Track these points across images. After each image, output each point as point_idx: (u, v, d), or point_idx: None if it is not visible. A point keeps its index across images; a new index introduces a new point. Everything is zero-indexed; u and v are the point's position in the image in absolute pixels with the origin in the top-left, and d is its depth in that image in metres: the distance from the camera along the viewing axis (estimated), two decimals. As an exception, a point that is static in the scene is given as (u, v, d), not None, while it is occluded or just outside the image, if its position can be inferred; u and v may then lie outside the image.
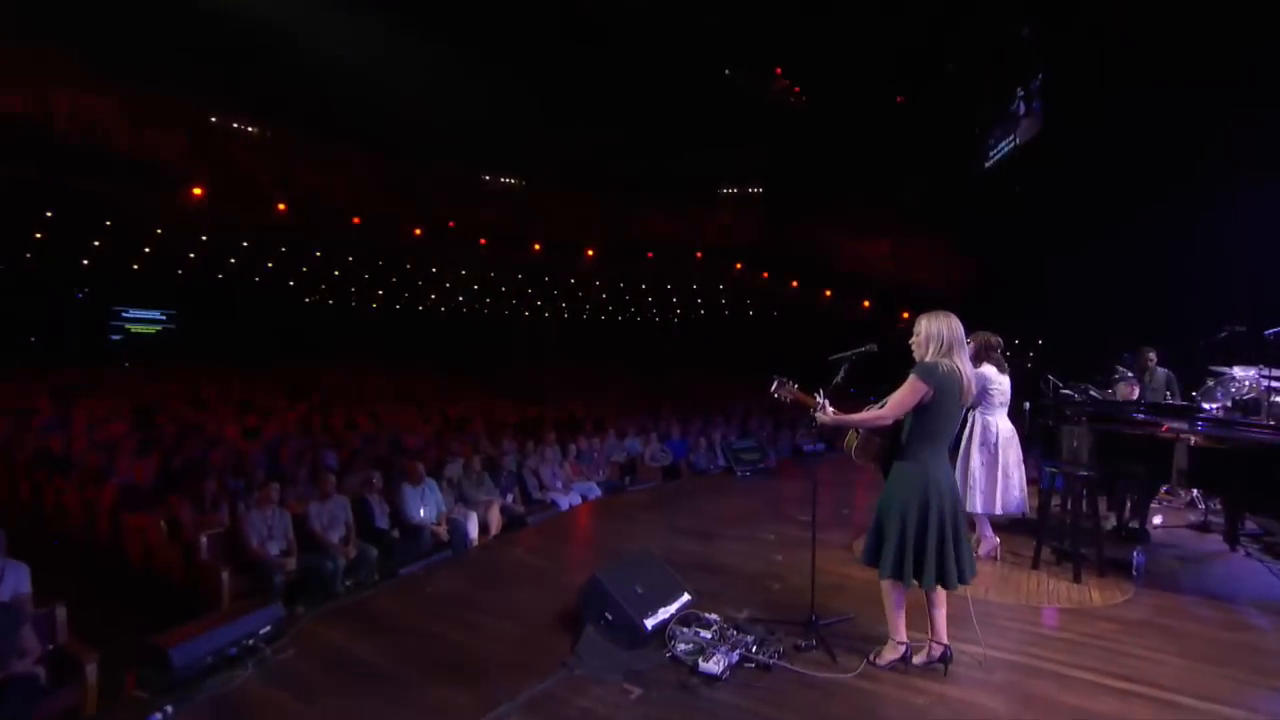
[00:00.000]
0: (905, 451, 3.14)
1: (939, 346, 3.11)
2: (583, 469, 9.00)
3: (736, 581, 4.62)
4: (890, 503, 3.17)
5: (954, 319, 3.14)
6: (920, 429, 3.09)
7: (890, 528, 3.14)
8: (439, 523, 6.64)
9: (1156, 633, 3.72)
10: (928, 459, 3.10)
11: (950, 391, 3.05)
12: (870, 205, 18.19)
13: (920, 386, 3.06)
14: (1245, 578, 4.68)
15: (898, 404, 3.09)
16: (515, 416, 12.37)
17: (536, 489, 8.23)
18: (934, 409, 3.05)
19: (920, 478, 3.09)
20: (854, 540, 5.55)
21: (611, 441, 10.03)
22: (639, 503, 7.14)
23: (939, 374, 3.04)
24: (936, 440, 3.11)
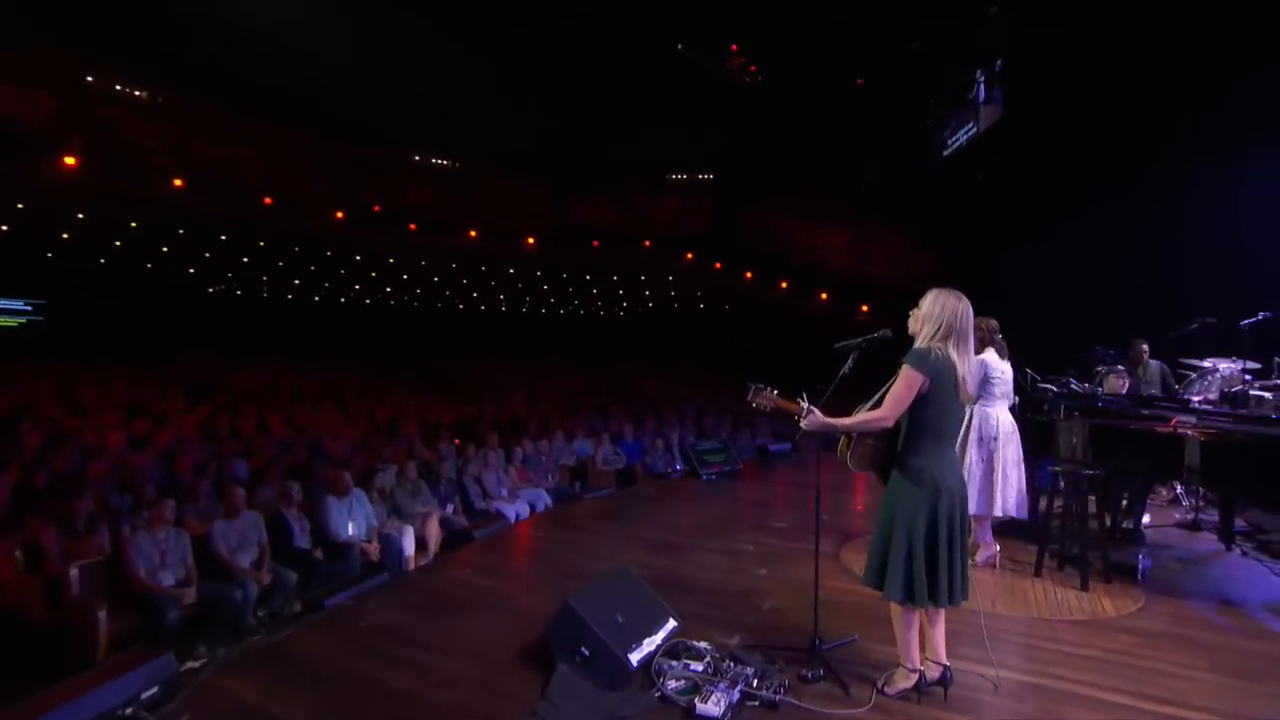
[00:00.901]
0: (906, 453, 2.88)
1: (934, 330, 2.84)
2: (530, 474, 8.57)
3: (720, 601, 4.31)
4: (894, 515, 2.89)
5: (964, 302, 2.88)
6: (920, 425, 2.85)
7: (896, 544, 2.87)
8: (369, 539, 6.09)
9: (1180, 645, 3.62)
10: (932, 460, 2.85)
11: (944, 382, 2.79)
12: (827, 194, 18.34)
13: (915, 377, 2.79)
14: (1249, 579, 4.69)
15: (895, 401, 2.82)
16: (452, 417, 11.79)
17: (480, 498, 7.76)
18: (932, 402, 2.81)
19: (926, 483, 2.83)
20: (842, 548, 5.36)
21: (560, 443, 9.66)
22: (596, 511, 6.78)
23: (930, 361, 2.76)
24: (940, 437, 2.87)
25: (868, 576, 3.01)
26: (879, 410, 2.89)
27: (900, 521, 2.88)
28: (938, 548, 2.85)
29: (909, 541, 2.85)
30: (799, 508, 6.79)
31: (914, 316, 2.97)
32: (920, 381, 2.81)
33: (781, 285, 19.93)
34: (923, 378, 2.81)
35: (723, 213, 21.13)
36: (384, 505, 6.68)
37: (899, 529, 2.88)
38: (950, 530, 2.87)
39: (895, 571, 2.86)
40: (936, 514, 2.85)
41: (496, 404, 13.11)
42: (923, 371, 2.81)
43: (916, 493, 2.85)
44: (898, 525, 2.89)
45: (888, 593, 2.92)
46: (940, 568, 2.84)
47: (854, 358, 3.37)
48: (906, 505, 2.87)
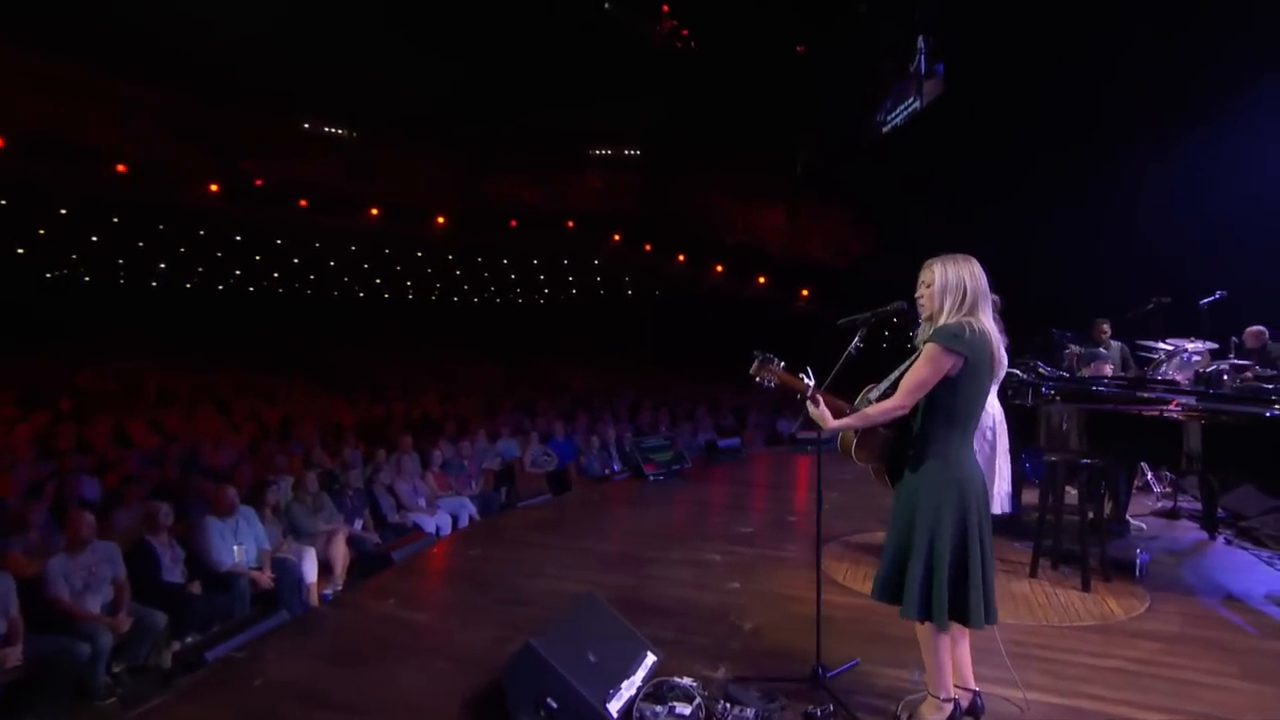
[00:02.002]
0: (925, 445, 2.59)
1: (958, 301, 2.56)
2: (450, 480, 8.07)
3: (695, 624, 3.95)
4: (912, 517, 2.60)
5: (975, 264, 2.62)
6: (943, 413, 2.57)
7: (916, 552, 2.57)
8: (260, 566, 5.37)
9: (1202, 649, 3.54)
10: (956, 452, 2.58)
11: (982, 362, 2.53)
12: (763, 170, 18.29)
13: (945, 358, 2.50)
14: (1244, 570, 4.75)
15: (917, 386, 2.53)
16: (356, 418, 11.09)
17: (393, 510, 7.19)
18: (961, 386, 2.54)
19: (953, 480, 2.56)
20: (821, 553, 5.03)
21: (482, 445, 9.21)
22: (534, 522, 6.32)
23: (967, 338, 2.47)
24: (965, 426, 2.60)
25: (881, 591, 2.70)
26: (894, 399, 2.57)
27: (923, 526, 2.58)
28: (969, 558, 2.57)
29: (931, 548, 2.56)
30: (762, 510, 6.63)
31: (925, 293, 2.66)
32: (952, 363, 2.51)
33: (717, 268, 19.85)
34: (956, 359, 2.51)
35: (652, 190, 20.81)
36: (278, 524, 6.02)
37: (920, 535, 2.58)
38: (981, 536, 2.59)
39: (913, 584, 2.54)
40: (965, 517, 2.57)
41: (407, 402, 12.52)
42: (958, 351, 2.51)
43: (941, 492, 2.56)
44: (919, 531, 2.59)
45: (907, 610, 2.62)
46: (973, 581, 2.56)
47: (861, 334, 3.09)
48: (930, 507, 2.57)
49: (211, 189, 16.89)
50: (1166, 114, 9.24)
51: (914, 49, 13.26)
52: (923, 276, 2.67)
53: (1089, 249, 10.24)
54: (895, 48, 13.98)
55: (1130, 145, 9.70)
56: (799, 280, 18.43)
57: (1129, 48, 9.15)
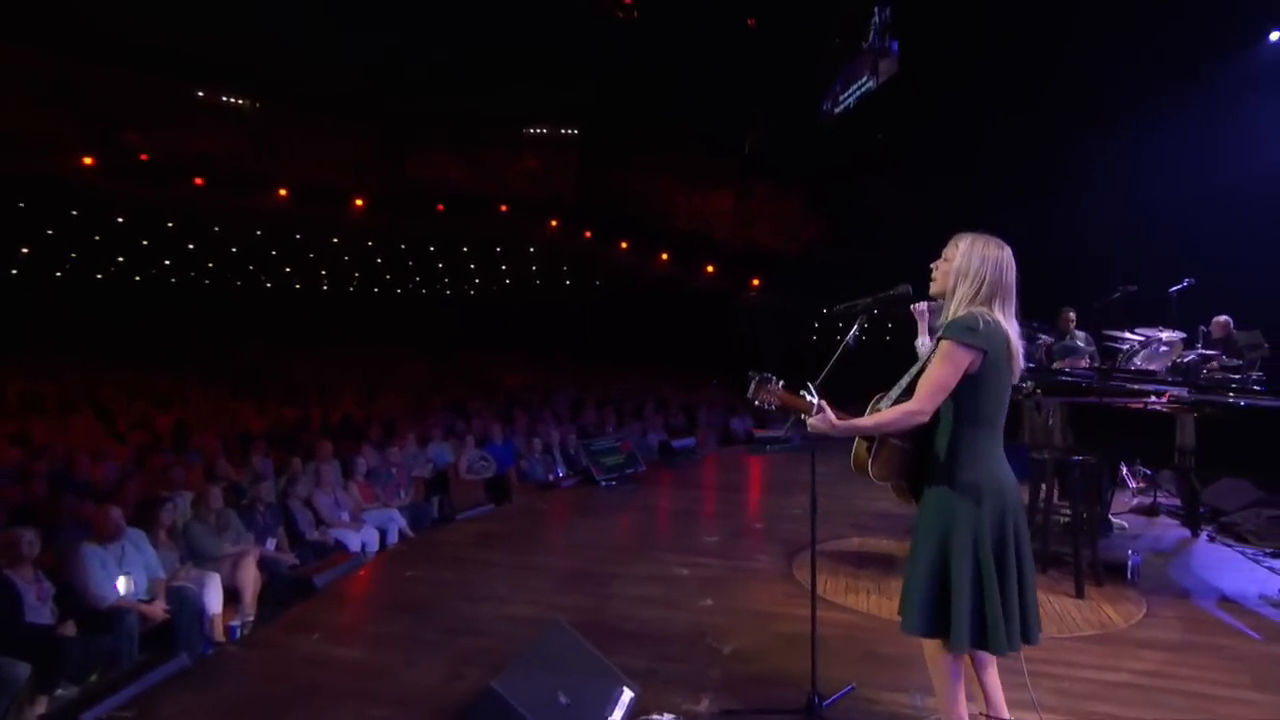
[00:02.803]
0: (955, 455, 2.43)
1: (974, 290, 2.40)
2: (376, 491, 7.62)
3: (670, 649, 3.74)
4: (950, 536, 2.41)
5: (1006, 250, 2.47)
6: (971, 416, 2.41)
7: (961, 575, 2.39)
8: (152, 598, 4.84)
9: (1209, 658, 3.54)
10: (987, 456, 2.42)
11: (1001, 356, 2.39)
12: (710, 153, 18.30)
13: (963, 354, 2.34)
14: (1233, 569, 4.85)
15: (936, 387, 2.36)
16: (265, 423, 10.44)
17: (312, 526, 6.70)
18: (984, 383, 2.39)
19: (988, 493, 2.39)
20: (793, 563, 5.05)
21: (411, 450, 8.85)
22: (475, 536, 5.99)
23: (982, 331, 2.33)
24: (993, 426, 2.45)
25: (914, 623, 2.46)
26: (912, 402, 2.38)
27: (963, 543, 2.39)
28: (1008, 576, 2.40)
29: (976, 569, 2.38)
30: (726, 516, 6.52)
31: (940, 273, 2.51)
32: (971, 360, 2.35)
33: (661, 257, 19.81)
34: (974, 355, 2.34)
35: (591, 173, 20.63)
36: (175, 548, 5.48)
37: (961, 560, 2.38)
38: (1020, 551, 2.43)
39: (960, 611, 2.36)
40: (1004, 533, 2.41)
41: (324, 405, 11.95)
42: (975, 347, 2.34)
43: (976, 509, 2.38)
44: (957, 555, 2.39)
45: (956, 643, 2.40)
46: (1018, 601, 2.40)
47: (860, 324, 2.92)
48: (966, 527, 2.39)
49: (85, 162, 15.66)
50: (1130, 96, 9.55)
51: (868, 24, 13.37)
52: (946, 250, 2.50)
53: (1051, 235, 10.49)
54: (849, 23, 14.09)
55: (1093, 127, 9.99)
56: (749, 268, 18.51)
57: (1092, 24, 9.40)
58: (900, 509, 6.30)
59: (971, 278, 2.40)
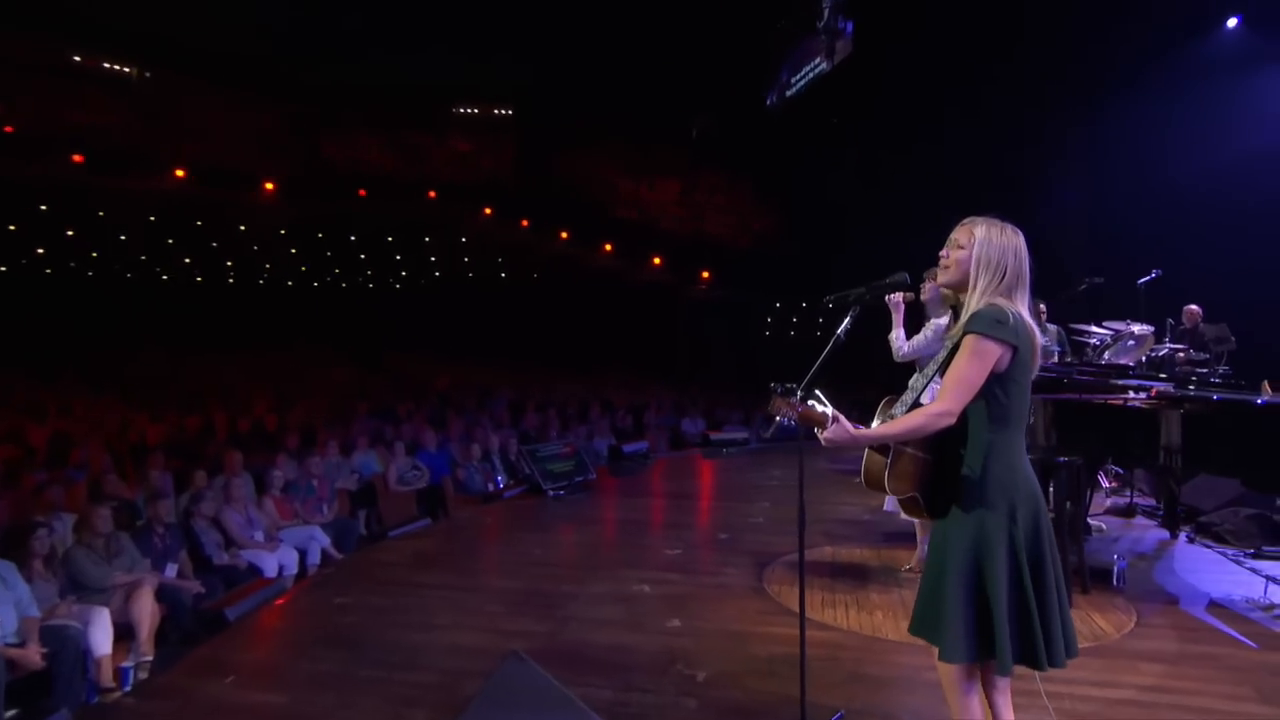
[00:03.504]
0: (986, 459, 2.33)
1: (994, 280, 2.31)
2: (295, 506, 7.33)
3: (637, 678, 3.58)
4: (985, 552, 2.31)
5: (1022, 238, 2.39)
6: (1000, 415, 2.32)
7: (997, 589, 2.28)
8: (24, 640, 4.41)
9: (1209, 669, 3.55)
10: (1018, 460, 2.36)
11: (1027, 353, 2.31)
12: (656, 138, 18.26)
13: (993, 349, 2.25)
14: (1215, 571, 4.94)
15: (965, 385, 2.27)
16: (163, 433, 10.00)
17: (220, 549, 6.33)
18: (1013, 381, 2.31)
19: (1023, 499, 2.31)
20: (764, 576, 4.96)
21: (334, 460, 8.54)
22: (410, 555, 5.72)
23: (1012, 325, 2.27)
24: (1021, 428, 2.39)
25: (959, 651, 2.32)
26: (938, 402, 2.27)
27: (996, 564, 2.28)
28: (1046, 590, 2.31)
29: (1016, 581, 2.28)
30: (687, 526, 6.46)
31: (952, 257, 2.39)
32: (1000, 355, 2.25)
33: (605, 248, 19.77)
34: (1004, 350, 2.25)
35: (528, 158, 20.40)
36: (53, 579, 5.04)
37: (997, 577, 2.27)
38: (1055, 559, 2.35)
39: (1002, 631, 2.25)
40: (1040, 543, 2.32)
41: (232, 411, 11.54)
42: (1005, 341, 2.24)
43: (1011, 521, 2.29)
44: (992, 571, 2.28)
45: (1003, 665, 2.29)
46: (1058, 614, 2.30)
47: (853, 315, 2.82)
48: (997, 538, 2.29)
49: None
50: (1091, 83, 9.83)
51: (821, 3, 13.43)
52: (955, 235, 2.38)
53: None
54: (801, 1, 14.12)
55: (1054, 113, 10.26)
56: (697, 261, 18.58)
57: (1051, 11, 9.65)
58: (872, 515, 6.42)
59: (994, 267, 2.30)
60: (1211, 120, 9.23)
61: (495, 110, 21.49)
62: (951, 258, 2.38)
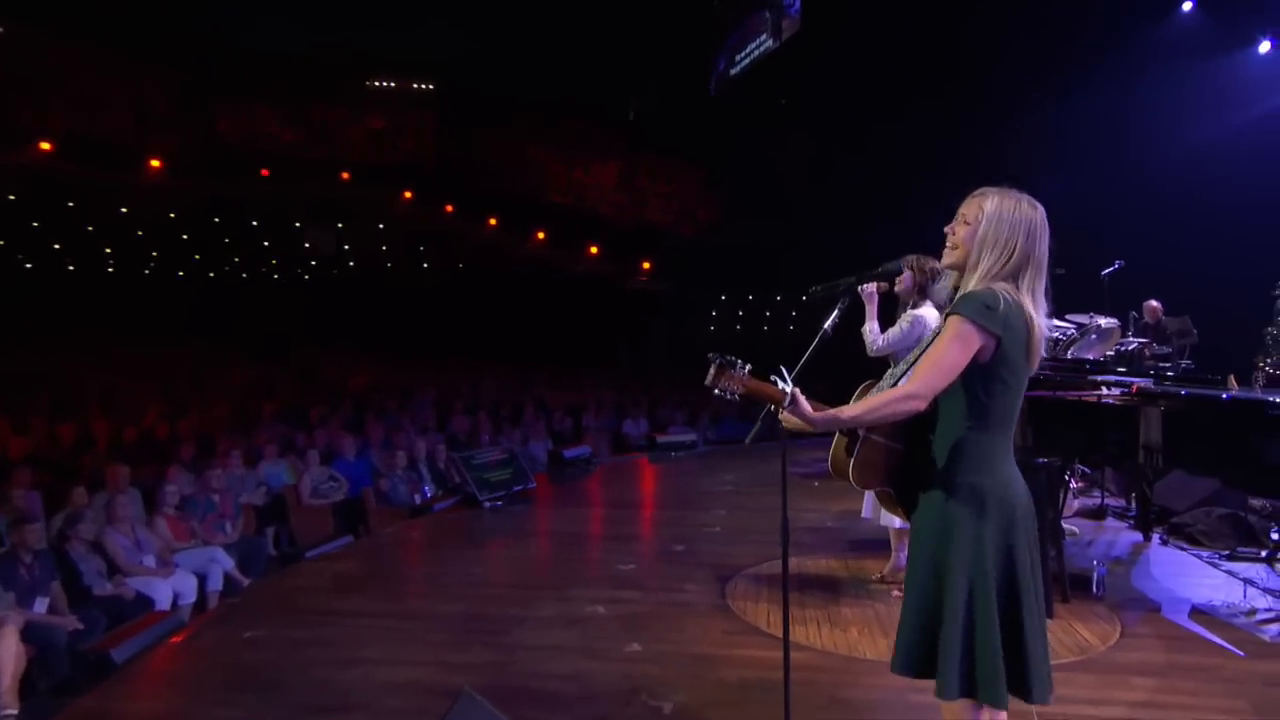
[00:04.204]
0: (954, 458, 2.28)
1: (1000, 260, 2.24)
2: (192, 525, 7.08)
3: (598, 710, 3.50)
4: (942, 558, 2.26)
5: (1040, 212, 2.31)
6: (976, 413, 2.26)
7: (952, 605, 2.23)
8: None
9: (1200, 681, 3.61)
10: (996, 466, 2.27)
11: (1017, 346, 2.24)
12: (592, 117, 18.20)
13: (974, 336, 2.18)
14: (1192, 575, 5.09)
15: (938, 370, 2.19)
16: (28, 445, 9.52)
17: (102, 577, 5.98)
18: (997, 376, 2.24)
19: (993, 503, 2.24)
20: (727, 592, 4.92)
21: (237, 472, 8.37)
22: (331, 579, 5.46)
23: (1001, 312, 2.19)
24: (1004, 430, 2.32)
25: (905, 662, 2.31)
26: (907, 384, 2.20)
27: (958, 570, 2.22)
28: (1022, 608, 2.24)
29: (969, 599, 2.21)
30: (639, 538, 6.44)
31: (958, 232, 2.30)
32: (982, 344, 2.17)
33: (538, 236, 19.62)
34: (986, 338, 2.17)
35: (452, 137, 20.06)
36: None
37: (956, 583, 2.22)
38: (1035, 581, 2.28)
39: (954, 650, 2.19)
40: (1014, 553, 2.25)
41: (115, 419, 11.08)
42: (989, 329, 2.16)
43: (981, 521, 2.22)
44: (953, 577, 2.22)
45: (946, 688, 2.23)
46: (1031, 643, 2.22)
47: (841, 307, 2.78)
48: (966, 545, 2.22)
49: None
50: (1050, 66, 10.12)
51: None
52: (963, 210, 2.30)
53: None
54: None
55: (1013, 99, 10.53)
56: (638, 251, 18.61)
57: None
58: (835, 522, 6.44)
59: (1000, 247, 2.21)
60: (1169, 108, 9.64)
61: (415, 85, 21.05)
62: (958, 235, 2.30)
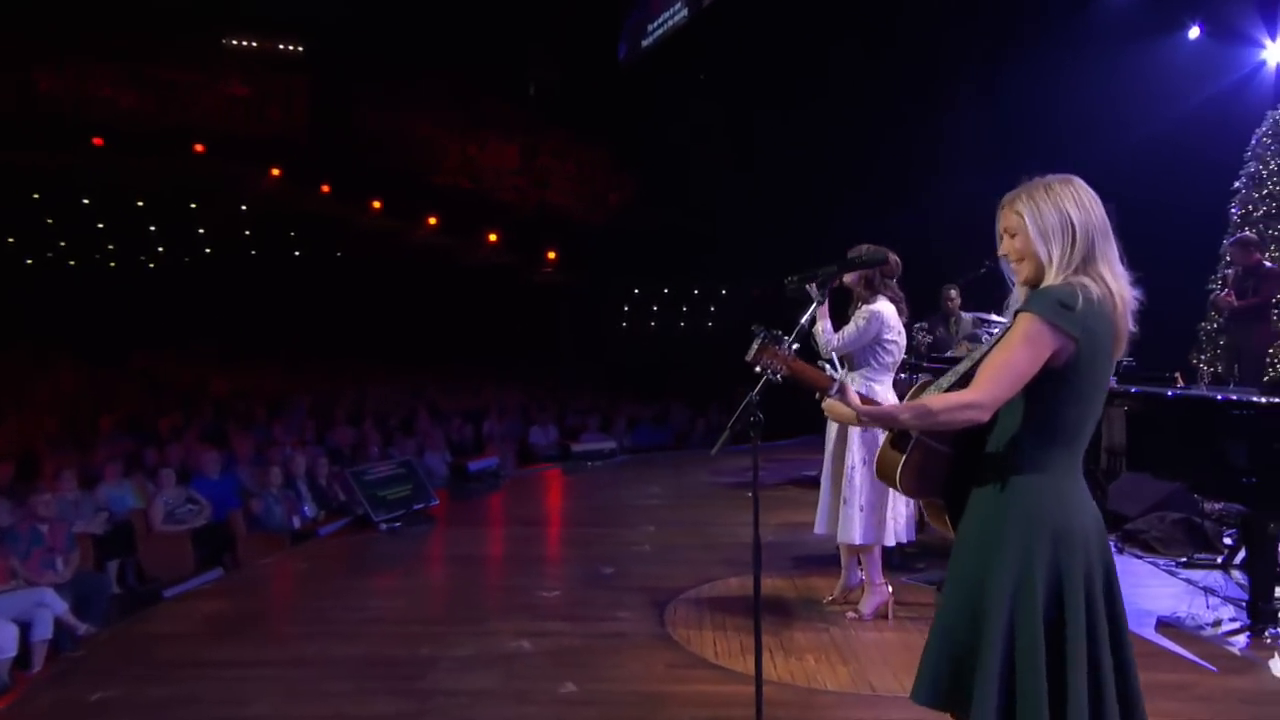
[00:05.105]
0: (1011, 472, 2.24)
1: (1067, 249, 2.20)
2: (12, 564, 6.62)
3: None
4: (985, 580, 2.20)
5: (1080, 187, 2.24)
6: (1042, 424, 2.21)
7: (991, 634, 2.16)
8: None
9: (1179, 701, 3.68)
10: (1059, 485, 2.23)
11: (1101, 347, 2.19)
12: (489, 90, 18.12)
13: (1050, 338, 2.13)
14: (1152, 585, 5.26)
15: (1006, 374, 2.15)
16: None
17: None
18: (1070, 384, 2.20)
19: (1050, 526, 2.19)
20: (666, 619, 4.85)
21: (70, 495, 7.98)
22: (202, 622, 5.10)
23: (1080, 311, 2.14)
24: (1073, 445, 2.27)
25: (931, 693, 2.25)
26: (968, 391, 2.14)
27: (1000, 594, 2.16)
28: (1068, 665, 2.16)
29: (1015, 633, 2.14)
30: (562, 560, 6.35)
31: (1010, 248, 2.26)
32: (1058, 349, 2.12)
33: (429, 221, 19.43)
34: (1062, 341, 2.11)
35: (328, 108, 19.64)
36: None
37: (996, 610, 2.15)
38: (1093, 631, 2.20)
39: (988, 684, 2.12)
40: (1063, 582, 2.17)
41: None
42: (1065, 330, 2.10)
43: (1034, 545, 2.17)
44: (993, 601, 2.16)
45: None
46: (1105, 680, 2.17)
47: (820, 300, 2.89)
48: (1013, 565, 2.15)
49: None
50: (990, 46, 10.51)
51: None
52: (1002, 226, 2.25)
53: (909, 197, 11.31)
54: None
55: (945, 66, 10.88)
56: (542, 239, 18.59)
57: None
58: (776, 537, 6.44)
59: (1059, 235, 2.16)
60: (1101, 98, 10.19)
61: (283, 46, 20.50)
62: (1014, 250, 2.23)
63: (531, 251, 18.89)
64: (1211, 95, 10.06)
